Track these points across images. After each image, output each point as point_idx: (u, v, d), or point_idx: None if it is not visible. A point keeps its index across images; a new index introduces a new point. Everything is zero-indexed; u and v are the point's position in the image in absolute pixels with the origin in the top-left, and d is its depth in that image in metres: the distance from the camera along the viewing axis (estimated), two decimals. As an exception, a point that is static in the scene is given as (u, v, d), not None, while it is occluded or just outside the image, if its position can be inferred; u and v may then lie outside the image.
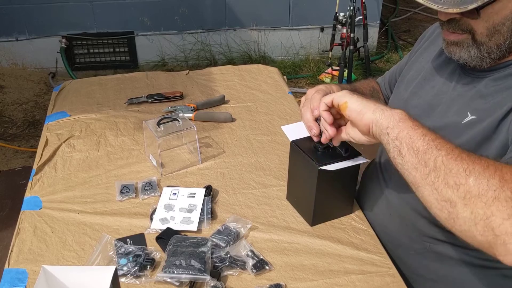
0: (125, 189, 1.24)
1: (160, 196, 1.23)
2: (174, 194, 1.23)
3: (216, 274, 0.99)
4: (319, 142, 1.05)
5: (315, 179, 1.06)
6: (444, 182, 0.76)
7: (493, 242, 0.71)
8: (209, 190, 1.24)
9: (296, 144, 1.12)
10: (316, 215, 1.14)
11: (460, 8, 0.85)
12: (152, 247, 1.08)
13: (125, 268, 1.00)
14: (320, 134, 1.04)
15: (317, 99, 1.07)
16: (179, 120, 1.35)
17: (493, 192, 0.71)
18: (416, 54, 1.23)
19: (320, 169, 1.05)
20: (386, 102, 1.35)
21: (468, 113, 0.98)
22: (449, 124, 1.01)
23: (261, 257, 1.04)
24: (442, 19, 0.94)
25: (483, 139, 0.94)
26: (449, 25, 0.94)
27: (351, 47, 3.40)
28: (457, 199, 0.74)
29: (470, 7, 0.84)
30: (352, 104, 0.92)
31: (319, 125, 1.05)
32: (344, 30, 3.45)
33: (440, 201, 0.77)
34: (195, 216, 1.16)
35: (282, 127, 1.17)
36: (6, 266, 1.03)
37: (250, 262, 1.02)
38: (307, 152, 1.09)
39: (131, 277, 0.99)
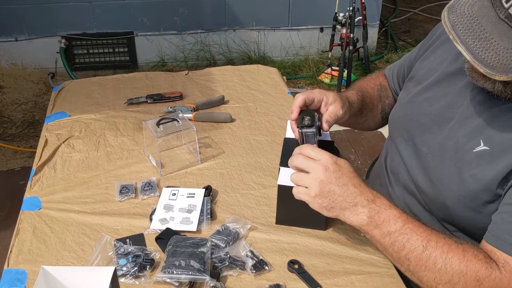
0: (125, 190, 1.24)
1: (159, 196, 1.23)
2: (174, 194, 1.23)
3: (215, 274, 0.99)
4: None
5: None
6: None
7: None
8: (208, 191, 1.24)
9: (284, 142, 1.13)
10: (279, 214, 1.14)
11: (508, 76, 0.81)
12: (152, 247, 1.08)
13: (124, 268, 1.00)
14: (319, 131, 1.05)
15: (300, 96, 1.08)
16: (179, 120, 1.35)
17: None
18: (428, 51, 1.17)
19: (282, 166, 1.09)
20: (394, 97, 1.32)
21: (481, 141, 0.96)
22: (460, 148, 0.99)
23: (261, 258, 1.04)
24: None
25: (493, 180, 0.92)
26: None
27: (351, 47, 3.40)
28: None
29: None
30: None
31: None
32: (344, 31, 3.45)
33: None
34: (195, 216, 1.16)
35: (288, 121, 1.16)
36: (5, 267, 1.03)
37: (250, 263, 1.02)
38: (285, 150, 1.11)
39: (130, 278, 0.99)
